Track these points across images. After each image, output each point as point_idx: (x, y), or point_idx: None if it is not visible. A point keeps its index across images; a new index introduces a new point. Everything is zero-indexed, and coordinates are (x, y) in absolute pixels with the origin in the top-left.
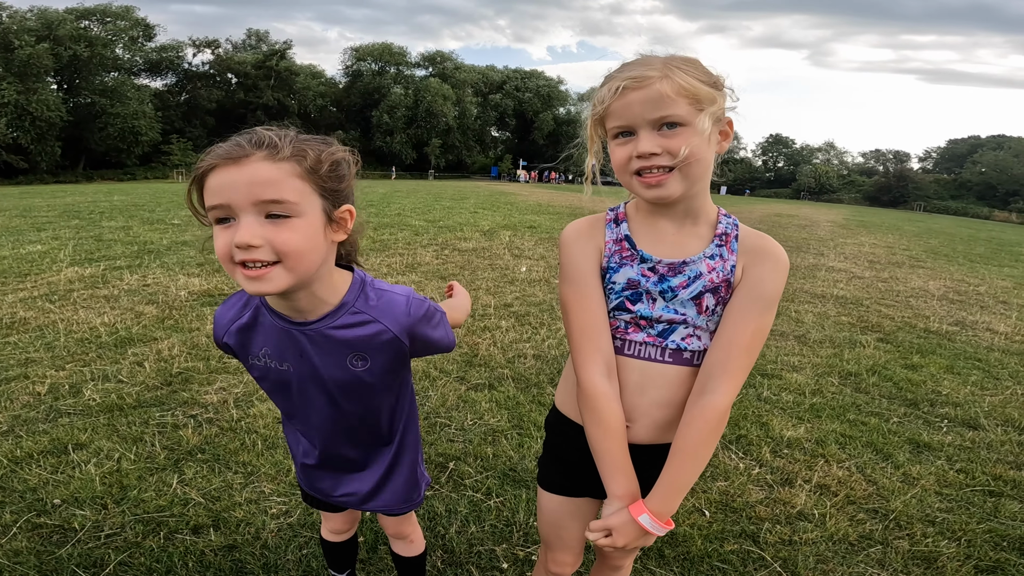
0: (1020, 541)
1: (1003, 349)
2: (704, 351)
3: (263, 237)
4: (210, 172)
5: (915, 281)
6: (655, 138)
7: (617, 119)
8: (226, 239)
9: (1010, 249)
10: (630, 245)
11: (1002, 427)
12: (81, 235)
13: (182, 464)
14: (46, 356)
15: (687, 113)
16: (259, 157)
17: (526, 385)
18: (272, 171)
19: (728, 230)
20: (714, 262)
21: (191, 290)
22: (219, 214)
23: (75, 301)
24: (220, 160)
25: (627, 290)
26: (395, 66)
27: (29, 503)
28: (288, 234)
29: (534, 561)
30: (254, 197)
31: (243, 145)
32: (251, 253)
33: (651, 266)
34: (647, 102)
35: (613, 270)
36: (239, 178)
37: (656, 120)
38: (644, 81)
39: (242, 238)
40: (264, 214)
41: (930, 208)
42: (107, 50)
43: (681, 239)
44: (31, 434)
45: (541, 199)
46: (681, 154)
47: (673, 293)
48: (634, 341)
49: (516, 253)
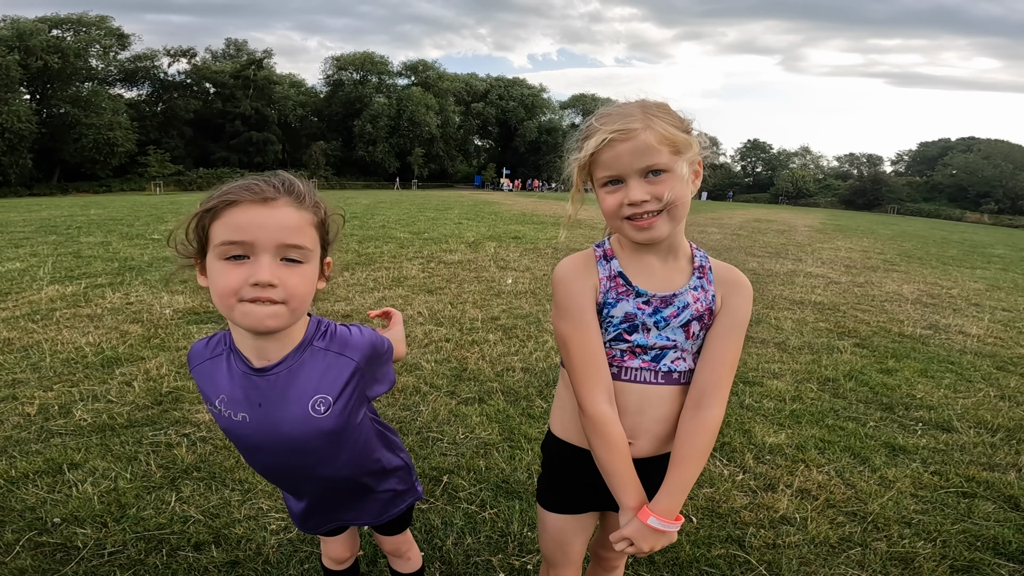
0: (994, 541)
1: (975, 352)
2: (689, 371)
3: (279, 278)
4: (232, 207)
5: (890, 285)
6: (644, 186)
7: (606, 169)
8: (240, 275)
9: (982, 251)
10: (624, 281)
11: (975, 429)
12: (59, 251)
13: (179, 482)
14: (32, 377)
15: (669, 160)
16: (287, 202)
17: (515, 398)
18: (296, 218)
19: (703, 263)
20: (698, 293)
21: (176, 308)
22: (236, 251)
23: (58, 321)
24: (247, 198)
25: (624, 323)
26: (377, 75)
27: (29, 522)
28: (299, 279)
29: (530, 571)
30: (279, 240)
31: (273, 187)
32: (267, 291)
33: (646, 299)
34: (635, 153)
35: (611, 305)
36: (267, 220)
37: (643, 169)
38: (630, 133)
39: (264, 277)
40: (281, 257)
41: (903, 211)
42: (80, 60)
43: (667, 273)
44: (24, 454)
45: (525, 208)
46: (665, 199)
47: (666, 322)
48: (631, 367)
49: (502, 265)
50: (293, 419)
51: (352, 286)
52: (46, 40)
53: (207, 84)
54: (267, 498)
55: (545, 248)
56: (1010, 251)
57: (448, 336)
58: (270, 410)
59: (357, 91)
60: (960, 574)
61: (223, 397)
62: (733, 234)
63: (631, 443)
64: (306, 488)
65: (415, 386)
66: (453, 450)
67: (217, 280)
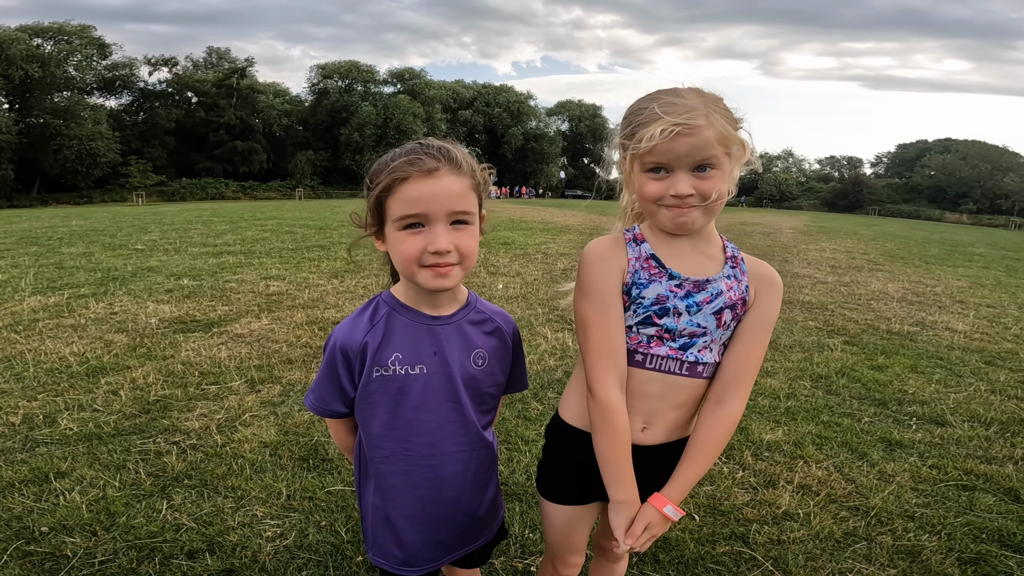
0: (999, 533)
1: (963, 347)
2: (714, 364)
3: (452, 242)
4: (403, 183)
5: (875, 284)
6: (690, 179)
7: (658, 157)
8: (419, 243)
9: (963, 250)
10: (657, 263)
11: (968, 423)
12: (41, 262)
13: (169, 490)
14: (16, 387)
15: (721, 157)
16: (447, 171)
17: (510, 401)
18: (459, 185)
19: (735, 254)
20: (731, 282)
21: (161, 317)
22: (412, 221)
23: (41, 331)
24: (415, 171)
25: (655, 305)
26: (363, 83)
27: (16, 531)
28: (468, 239)
29: (532, 572)
30: (448, 208)
31: (433, 158)
32: (444, 257)
33: (679, 283)
34: (693, 148)
35: (643, 286)
36: (436, 191)
37: (696, 163)
38: (694, 129)
39: (442, 245)
40: (451, 221)
41: (884, 212)
42: (59, 69)
43: (699, 260)
44: (9, 463)
45: (513, 215)
46: (712, 198)
47: (698, 307)
48: (656, 355)
49: (492, 271)
50: (461, 365)
51: (342, 294)
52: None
53: (189, 93)
54: (261, 505)
55: (535, 254)
56: (990, 250)
57: None
58: (445, 356)
59: (343, 100)
60: (968, 567)
61: (398, 355)
62: None
63: (644, 429)
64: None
65: None
66: None
67: (399, 248)
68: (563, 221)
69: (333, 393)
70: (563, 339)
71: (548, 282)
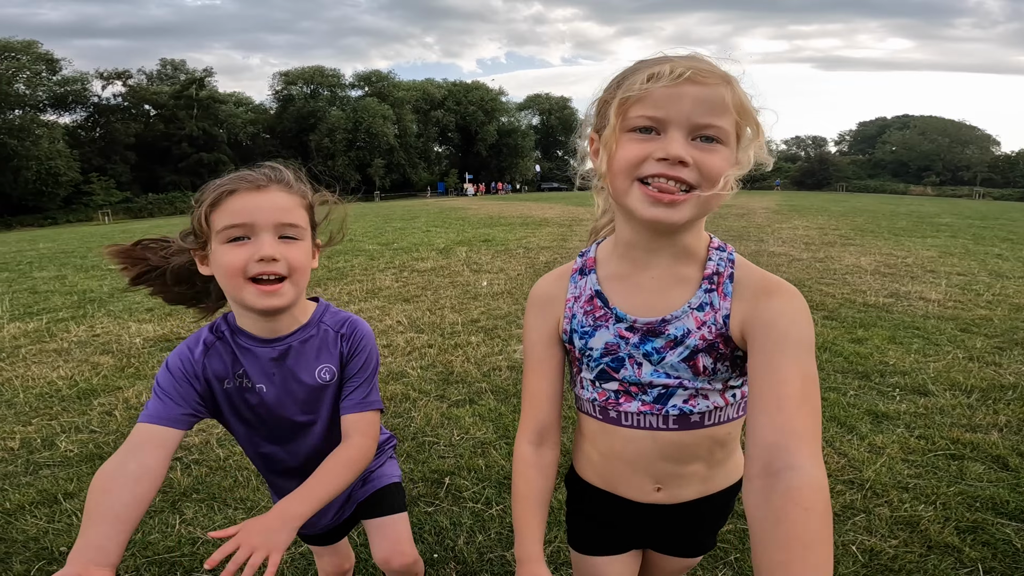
0: (992, 501)
1: (938, 316)
2: (717, 409)
3: (280, 252)
4: (230, 196)
5: (848, 259)
6: (688, 145)
7: (651, 108)
8: (244, 254)
9: (930, 221)
10: (602, 302)
11: (950, 391)
12: (14, 288)
13: (180, 505)
14: (8, 413)
15: (731, 131)
16: (278, 187)
17: (505, 396)
18: (288, 200)
19: (720, 267)
20: (703, 314)
21: (145, 337)
22: (237, 232)
23: (24, 357)
24: (243, 185)
25: (606, 356)
26: (329, 88)
27: (35, 552)
28: (297, 252)
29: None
30: (275, 219)
31: (264, 175)
32: (271, 266)
33: (628, 325)
34: (703, 102)
35: (588, 335)
36: (263, 203)
37: (699, 126)
38: (709, 77)
39: (267, 252)
40: (279, 235)
41: (851, 188)
42: (9, 86)
43: (661, 285)
44: (15, 487)
45: (491, 211)
46: (721, 184)
47: (659, 355)
48: (630, 412)
49: (475, 268)
50: (304, 379)
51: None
52: None
53: (146, 106)
54: None
55: (516, 249)
56: (956, 219)
57: (430, 342)
58: (284, 377)
59: (309, 105)
60: (967, 535)
61: (241, 370)
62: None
63: (659, 489)
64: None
65: (404, 393)
66: (451, 452)
67: (223, 261)
68: (541, 215)
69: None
70: None
71: (532, 276)
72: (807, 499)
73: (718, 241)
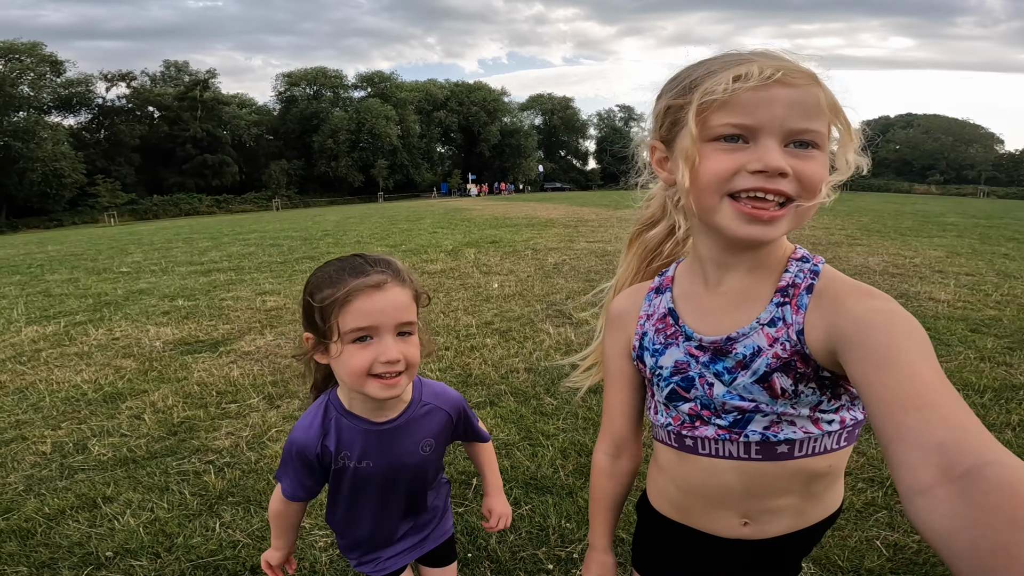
0: None
1: (948, 316)
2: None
3: (400, 352)
4: (354, 298)
5: (856, 259)
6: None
7: (739, 114)
8: (369, 355)
9: (935, 220)
10: (673, 320)
11: (963, 392)
12: (28, 291)
13: (216, 508)
14: (36, 417)
15: (826, 135)
16: (393, 284)
17: (525, 398)
18: (405, 297)
19: (798, 279)
20: (775, 330)
21: (165, 340)
22: (362, 334)
23: (46, 361)
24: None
25: (676, 375)
26: (331, 89)
27: (81, 557)
28: (414, 349)
29: (576, 560)
30: (397, 320)
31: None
32: (395, 366)
33: (697, 344)
34: (795, 105)
35: (658, 352)
36: (385, 304)
37: (794, 131)
38: (799, 77)
39: (392, 355)
40: (398, 332)
41: (855, 186)
42: (14, 88)
43: (731, 301)
44: (52, 491)
45: (496, 212)
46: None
47: (731, 376)
48: (706, 438)
49: (484, 270)
50: (410, 456)
51: None
52: None
53: (150, 108)
54: (306, 516)
55: (524, 250)
56: (962, 219)
57: (446, 344)
58: (392, 453)
59: (312, 106)
60: None
61: (346, 453)
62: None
63: (746, 524)
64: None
65: None
66: None
67: (350, 362)
68: (547, 215)
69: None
70: (565, 333)
71: (542, 278)
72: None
73: (803, 251)
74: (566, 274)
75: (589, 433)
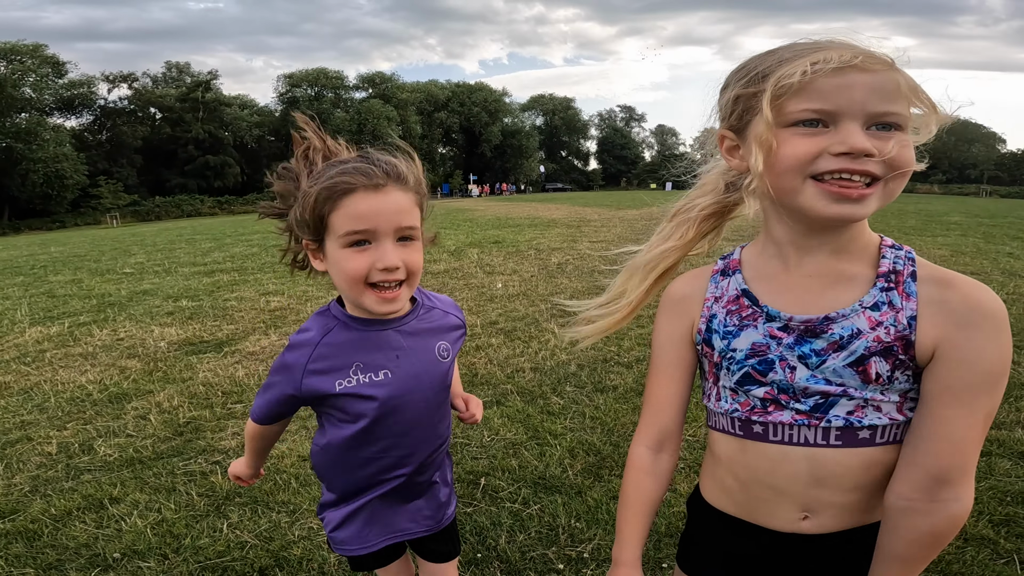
0: (1021, 495)
1: None
2: (893, 425)
3: (400, 259)
4: (348, 196)
5: None
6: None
7: (817, 100)
8: (365, 261)
9: (939, 219)
10: (750, 301)
11: None
12: (31, 292)
13: (224, 509)
14: (41, 418)
15: (907, 116)
16: (394, 187)
17: (531, 397)
18: (406, 200)
19: (899, 266)
20: (879, 313)
21: (169, 340)
22: (359, 238)
23: (51, 361)
24: (361, 183)
25: (752, 357)
26: (333, 90)
27: (88, 559)
28: (415, 255)
29: (586, 559)
30: (396, 224)
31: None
32: (393, 274)
33: (782, 325)
34: (872, 90)
35: (731, 335)
36: (384, 206)
37: (875, 115)
38: (876, 63)
39: (391, 262)
40: (398, 238)
41: None
42: (16, 90)
43: (820, 284)
44: (59, 492)
45: (499, 212)
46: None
47: (819, 359)
48: (780, 423)
49: (488, 270)
50: (427, 363)
51: None
52: None
53: (152, 109)
54: (315, 517)
55: (527, 250)
56: (965, 218)
57: None
58: (408, 358)
59: (313, 107)
60: (1000, 527)
61: (358, 363)
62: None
63: (805, 517)
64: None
65: None
66: (484, 453)
67: (345, 267)
68: (549, 215)
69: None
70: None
71: (545, 278)
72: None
73: (891, 240)
74: (570, 274)
75: (597, 432)
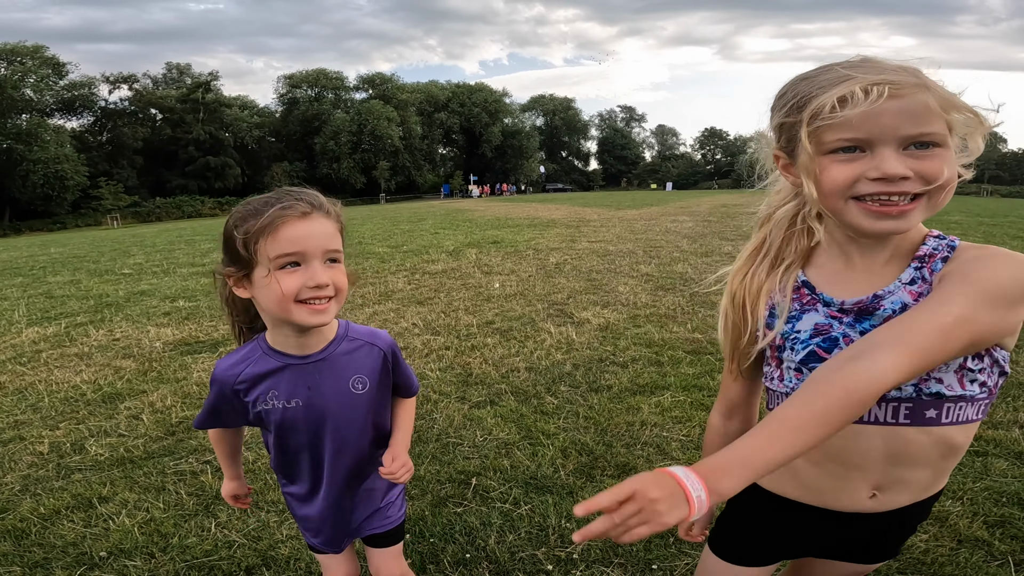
0: (1017, 496)
1: None
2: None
3: (329, 278)
4: (282, 225)
5: None
6: (902, 158)
7: (850, 131)
8: (297, 280)
9: (940, 219)
10: (809, 290)
11: None
12: (29, 293)
13: (213, 508)
14: (35, 417)
15: (945, 132)
16: (319, 215)
17: (525, 397)
18: (331, 227)
19: (936, 250)
20: (916, 287)
21: (165, 340)
22: (291, 259)
23: (46, 361)
24: (290, 214)
25: (816, 336)
26: (333, 91)
27: (75, 557)
28: (341, 275)
29: (575, 560)
30: (325, 247)
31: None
32: (323, 291)
33: (837, 308)
34: (903, 114)
35: (794, 318)
36: (313, 232)
37: (909, 137)
38: (903, 88)
39: (321, 279)
40: (326, 259)
41: None
42: (16, 91)
43: (868, 275)
44: (48, 491)
45: (498, 213)
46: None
47: None
48: None
49: (486, 270)
50: (339, 395)
51: None
52: None
53: (153, 110)
54: None
55: (526, 250)
56: (966, 217)
57: (447, 344)
58: (319, 389)
59: (314, 108)
60: (995, 528)
61: (274, 392)
62: (704, 220)
63: (873, 495)
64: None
65: (424, 395)
66: (475, 453)
67: (276, 288)
68: (548, 216)
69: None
70: (567, 332)
71: (543, 278)
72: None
73: (938, 232)
74: (568, 274)
75: (590, 432)
